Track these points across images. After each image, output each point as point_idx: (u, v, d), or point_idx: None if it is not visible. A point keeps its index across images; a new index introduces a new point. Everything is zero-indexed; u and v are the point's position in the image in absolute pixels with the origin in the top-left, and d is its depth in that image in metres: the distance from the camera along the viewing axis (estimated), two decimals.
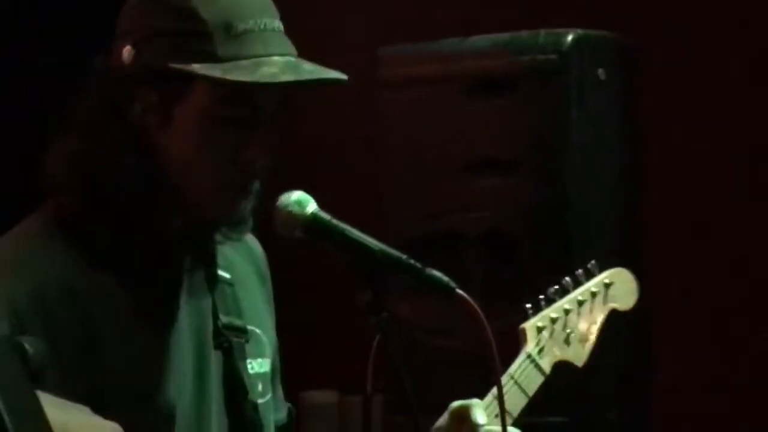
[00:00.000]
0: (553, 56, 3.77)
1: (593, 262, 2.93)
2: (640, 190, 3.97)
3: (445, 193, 3.87)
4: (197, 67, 2.48)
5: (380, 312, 2.54)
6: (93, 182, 2.60)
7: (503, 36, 3.89)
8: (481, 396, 2.71)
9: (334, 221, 2.60)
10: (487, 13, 4.11)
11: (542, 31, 3.82)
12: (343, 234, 2.61)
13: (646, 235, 3.88)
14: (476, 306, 2.51)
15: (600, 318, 2.91)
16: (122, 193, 2.58)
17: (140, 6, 2.60)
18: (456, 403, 2.68)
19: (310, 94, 2.60)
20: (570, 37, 3.79)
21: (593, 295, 2.92)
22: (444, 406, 2.78)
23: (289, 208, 2.62)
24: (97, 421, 2.03)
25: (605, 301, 2.93)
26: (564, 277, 2.93)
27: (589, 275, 2.93)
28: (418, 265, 2.59)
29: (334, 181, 2.82)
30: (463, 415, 2.68)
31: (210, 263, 2.67)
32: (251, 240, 2.78)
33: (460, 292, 2.54)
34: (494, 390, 2.73)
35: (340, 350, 2.87)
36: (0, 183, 2.81)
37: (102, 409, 2.46)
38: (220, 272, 2.68)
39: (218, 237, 2.64)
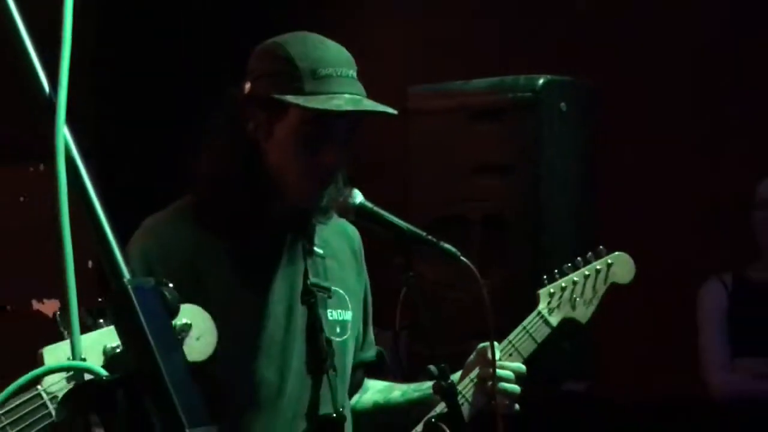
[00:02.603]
0: (530, 94, 3.76)
1: (601, 247, 2.93)
2: (593, 191, 3.94)
3: (455, 188, 3.87)
4: (289, 98, 2.51)
5: (408, 271, 2.59)
6: (218, 177, 2.64)
7: (495, 79, 3.88)
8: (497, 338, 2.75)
9: (376, 208, 2.66)
10: (484, 62, 4.12)
11: (522, 76, 3.81)
12: (382, 217, 2.67)
13: (597, 223, 3.85)
14: (475, 269, 2.56)
15: (602, 289, 2.91)
16: (236, 186, 2.62)
17: (257, 54, 2.66)
18: (481, 345, 2.71)
19: (370, 119, 2.63)
20: (541, 81, 3.77)
21: (597, 271, 2.90)
22: (451, 339, 2.82)
23: (345, 199, 2.66)
24: None
25: (607, 276, 2.91)
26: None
27: (597, 256, 2.92)
28: (435, 239, 2.64)
29: (378, 180, 2.85)
30: (484, 353, 2.70)
31: (308, 240, 2.70)
32: (351, 229, 2.82)
33: (464, 259, 2.61)
34: (510, 336, 2.80)
35: (379, 296, 2.88)
36: (152, 178, 2.82)
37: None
38: (315, 248, 2.70)
39: (315, 221, 2.68)
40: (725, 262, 4.56)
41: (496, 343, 2.70)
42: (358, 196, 2.66)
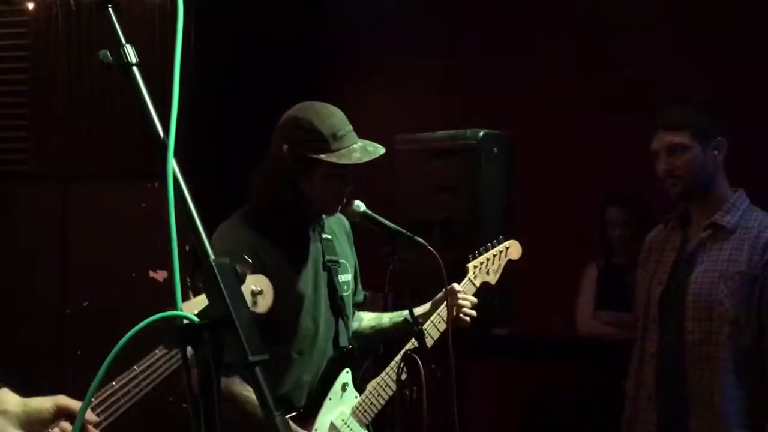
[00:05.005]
0: (473, 141, 3.74)
1: (501, 236, 2.95)
2: (512, 203, 3.91)
3: (424, 201, 3.84)
4: (323, 156, 2.50)
5: (393, 254, 2.58)
6: (271, 199, 2.62)
7: (451, 131, 3.85)
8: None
9: (374, 214, 2.65)
10: (445, 119, 4.12)
11: (469, 130, 3.79)
12: (377, 219, 2.66)
13: (514, 223, 3.85)
14: (436, 253, 2.55)
15: (503, 263, 2.92)
16: (283, 205, 2.61)
17: (289, 124, 2.61)
18: (449, 286, 2.71)
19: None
20: (481, 133, 3.75)
21: (500, 251, 2.92)
22: (420, 298, 2.81)
23: (353, 207, 2.66)
24: None
25: (506, 255, 2.92)
26: (481, 242, 2.94)
27: (499, 242, 2.93)
28: (411, 234, 2.63)
29: (375, 195, 2.84)
30: (452, 291, 2.74)
31: (321, 228, 2.69)
32: (344, 219, 2.82)
33: (429, 247, 2.59)
34: (461, 284, 2.81)
35: (374, 271, 2.87)
36: (224, 195, 2.80)
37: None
38: (325, 234, 2.70)
39: (323, 217, 2.69)
40: (599, 250, 4.60)
41: (457, 285, 2.77)
42: (362, 206, 2.68)
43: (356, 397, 2.69)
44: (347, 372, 2.68)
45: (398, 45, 5.22)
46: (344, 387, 2.67)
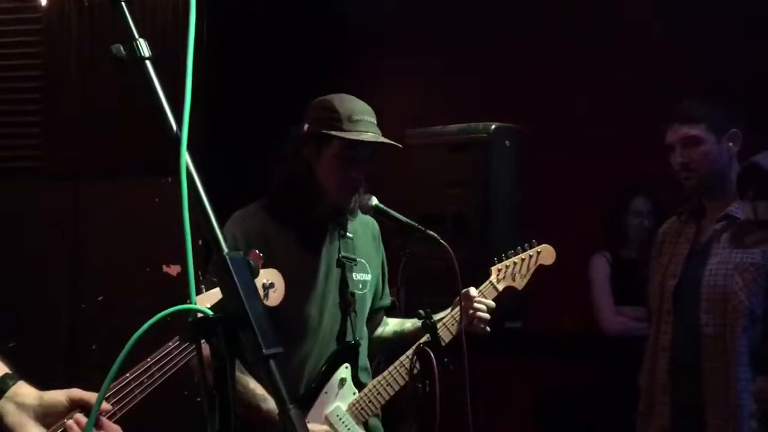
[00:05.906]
0: (485, 135, 3.73)
1: (534, 240, 2.88)
2: (523, 198, 3.89)
3: (436, 195, 3.83)
4: (334, 132, 2.50)
5: (406, 249, 2.58)
6: (287, 183, 2.63)
7: (463, 125, 3.84)
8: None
9: (386, 208, 2.64)
10: (457, 113, 4.10)
11: (480, 123, 3.77)
12: (389, 213, 2.66)
13: (525, 219, 3.82)
14: (449, 247, 2.55)
15: (533, 268, 2.84)
16: (297, 192, 2.61)
17: (312, 107, 2.64)
18: (465, 289, 2.69)
19: (382, 150, 2.62)
20: (493, 126, 3.74)
21: (530, 256, 2.84)
22: (431, 292, 2.80)
23: (365, 201, 2.65)
24: None
25: (537, 260, 2.84)
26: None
27: (531, 246, 2.86)
28: (423, 228, 2.63)
29: (388, 189, 2.84)
30: (468, 294, 2.69)
31: (342, 228, 2.69)
32: (372, 222, 2.82)
33: (442, 241, 2.58)
34: (480, 288, 2.77)
35: (387, 265, 2.85)
36: (243, 185, 2.80)
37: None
38: (348, 234, 2.70)
39: (347, 217, 2.68)
40: (604, 244, 4.57)
41: (473, 289, 2.71)
42: (374, 200, 2.68)
43: (354, 394, 2.68)
44: (347, 367, 2.67)
45: (407, 41, 5.20)
46: (342, 382, 2.65)
